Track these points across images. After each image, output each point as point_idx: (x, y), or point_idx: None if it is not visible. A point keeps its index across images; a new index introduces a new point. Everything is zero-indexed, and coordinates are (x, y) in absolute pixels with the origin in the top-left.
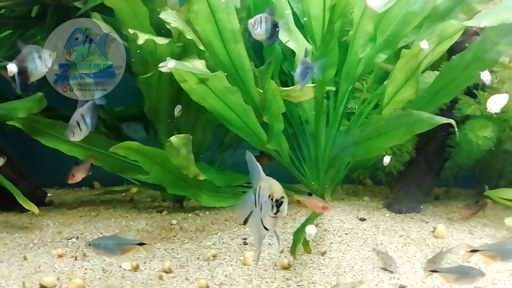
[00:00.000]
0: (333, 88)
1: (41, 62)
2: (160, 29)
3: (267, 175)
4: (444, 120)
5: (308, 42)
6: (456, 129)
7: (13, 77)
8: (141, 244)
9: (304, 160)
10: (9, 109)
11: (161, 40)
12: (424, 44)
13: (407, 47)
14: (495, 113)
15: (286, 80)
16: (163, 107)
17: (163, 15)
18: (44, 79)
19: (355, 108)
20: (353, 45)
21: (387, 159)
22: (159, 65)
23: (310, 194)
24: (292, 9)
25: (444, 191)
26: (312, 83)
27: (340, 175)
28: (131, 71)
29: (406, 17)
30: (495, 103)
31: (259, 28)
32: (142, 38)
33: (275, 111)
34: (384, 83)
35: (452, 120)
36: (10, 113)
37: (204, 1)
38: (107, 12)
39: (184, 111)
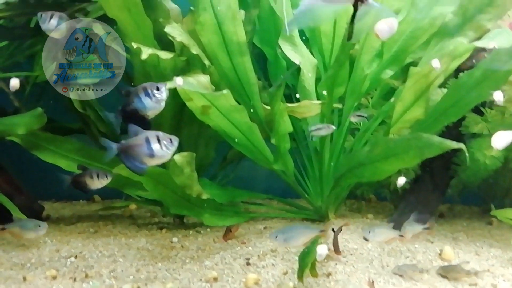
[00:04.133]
0: (340, 106)
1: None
2: (163, 39)
3: (266, 188)
4: (455, 145)
5: (313, 55)
6: (467, 154)
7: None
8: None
9: (308, 176)
10: (8, 125)
11: (164, 55)
12: (436, 63)
13: (414, 63)
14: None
15: (290, 93)
16: (166, 122)
17: (168, 29)
18: (42, 89)
19: (360, 123)
20: (359, 61)
21: (401, 181)
22: (168, 85)
23: (333, 231)
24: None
25: (448, 208)
26: (318, 98)
27: (344, 192)
28: (131, 81)
29: (414, 33)
30: (500, 140)
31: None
32: (145, 52)
33: (282, 132)
34: (391, 100)
35: (463, 145)
36: (9, 129)
37: (211, 12)
38: (109, 23)
39: (187, 127)
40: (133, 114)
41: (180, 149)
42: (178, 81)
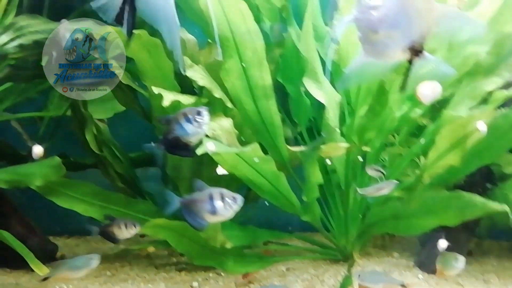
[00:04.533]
0: (368, 149)
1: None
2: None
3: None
4: (499, 208)
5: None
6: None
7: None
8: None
9: (331, 213)
10: (24, 175)
11: (186, 100)
12: (482, 127)
13: (444, 101)
14: None
15: (311, 126)
16: (186, 164)
17: (189, 73)
18: (55, 123)
19: (385, 160)
20: (389, 101)
21: (443, 244)
22: (198, 151)
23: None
24: (322, 59)
25: (476, 244)
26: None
27: (370, 234)
28: (148, 117)
29: None
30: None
31: None
32: (167, 99)
33: (312, 183)
34: (421, 141)
35: (507, 208)
36: (24, 179)
37: (236, 59)
38: (126, 60)
39: (207, 168)
40: (176, 142)
41: None
42: (210, 146)
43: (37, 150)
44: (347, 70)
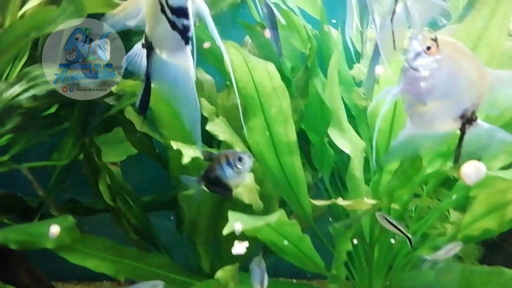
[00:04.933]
0: (397, 207)
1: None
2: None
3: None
4: None
5: (360, 136)
6: None
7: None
8: None
9: (353, 264)
10: (35, 235)
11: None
12: None
13: None
14: None
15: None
16: (203, 219)
17: (210, 127)
18: (66, 169)
19: (412, 210)
20: None
21: None
22: (224, 231)
23: None
24: (344, 102)
25: None
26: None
27: None
28: (164, 163)
29: None
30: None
31: None
32: (187, 156)
33: (341, 251)
34: (452, 197)
35: None
36: (36, 240)
37: (261, 116)
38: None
39: (225, 222)
40: (216, 181)
41: (218, 246)
42: (237, 226)
43: (54, 230)
44: (394, 142)
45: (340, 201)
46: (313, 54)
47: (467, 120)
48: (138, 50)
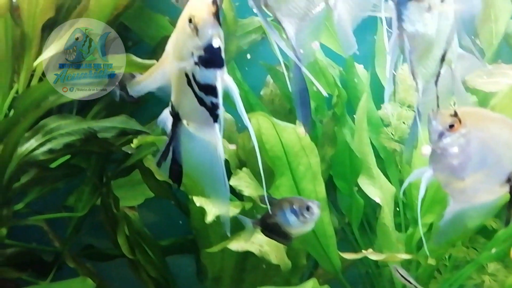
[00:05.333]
0: (433, 262)
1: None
2: None
3: None
4: None
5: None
6: None
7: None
8: None
9: None
10: None
11: (232, 212)
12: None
13: None
14: None
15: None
16: (227, 275)
17: (233, 182)
18: (83, 218)
19: (446, 258)
20: None
21: None
22: None
23: None
24: (372, 144)
25: None
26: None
27: None
28: (184, 210)
29: None
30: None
31: None
32: (211, 215)
33: None
34: (492, 251)
35: None
36: None
37: (288, 174)
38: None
39: (250, 275)
40: (274, 227)
41: None
42: None
43: None
44: (441, 222)
45: (372, 255)
46: (341, 102)
47: None
48: (167, 116)
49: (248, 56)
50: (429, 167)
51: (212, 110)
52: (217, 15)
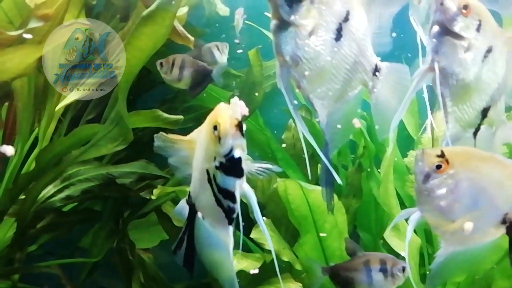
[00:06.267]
0: None
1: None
2: None
3: None
4: None
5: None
6: None
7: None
8: None
9: None
10: None
11: (251, 266)
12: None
13: None
14: None
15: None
16: None
17: (254, 234)
18: (95, 267)
19: None
20: None
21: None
22: None
23: None
24: (397, 193)
25: None
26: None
27: None
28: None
29: None
30: None
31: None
32: None
33: None
34: None
35: None
36: None
37: (314, 232)
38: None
39: None
40: (346, 280)
41: None
42: None
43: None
44: (433, 265)
45: None
46: (369, 155)
47: None
48: (183, 206)
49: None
50: (417, 208)
51: (228, 213)
52: (240, 126)
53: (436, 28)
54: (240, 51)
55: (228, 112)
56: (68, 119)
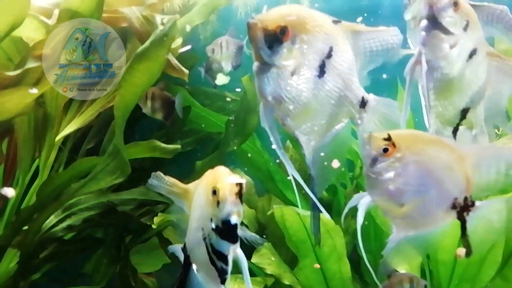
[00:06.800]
0: None
1: None
2: None
3: None
4: None
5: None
6: None
7: None
8: None
9: None
10: None
11: None
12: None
13: None
14: None
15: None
16: None
17: (255, 259)
18: None
19: None
20: None
21: None
22: None
23: None
24: None
25: None
26: None
27: None
28: None
29: None
30: None
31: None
32: None
33: None
34: None
35: None
36: None
37: (313, 256)
38: None
39: None
40: None
41: None
42: None
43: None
44: (385, 251)
45: None
46: None
47: (462, 208)
48: (179, 250)
49: None
50: (367, 193)
51: (221, 273)
52: (240, 194)
53: (425, 22)
54: None
55: (229, 178)
56: (68, 147)
